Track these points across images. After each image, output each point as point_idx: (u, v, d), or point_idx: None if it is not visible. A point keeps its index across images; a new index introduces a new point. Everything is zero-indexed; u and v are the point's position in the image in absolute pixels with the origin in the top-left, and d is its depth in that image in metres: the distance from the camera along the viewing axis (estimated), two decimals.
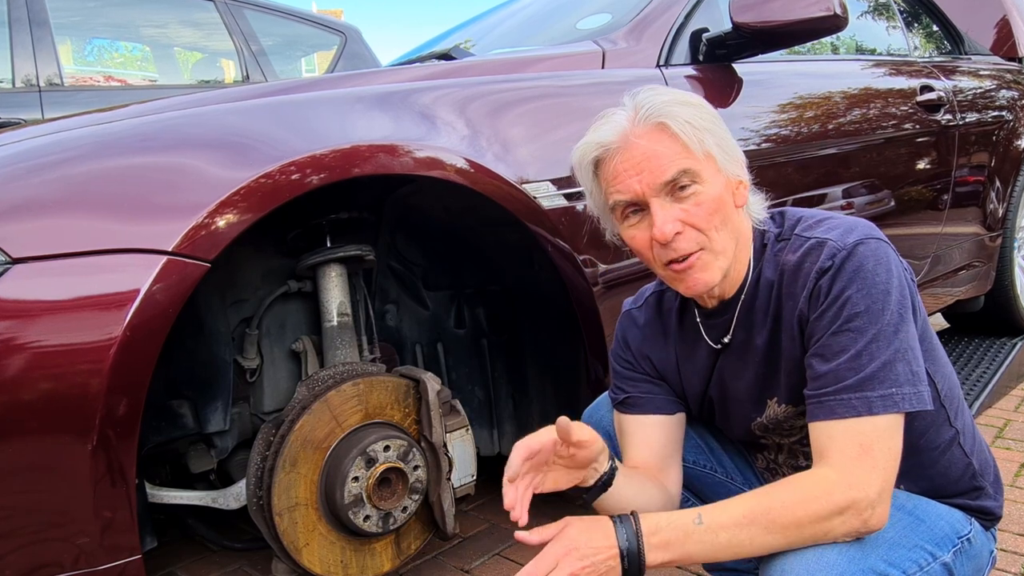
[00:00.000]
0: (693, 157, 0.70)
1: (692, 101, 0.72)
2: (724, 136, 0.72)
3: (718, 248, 0.72)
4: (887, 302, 0.66)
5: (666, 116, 0.70)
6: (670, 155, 0.69)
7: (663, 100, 0.71)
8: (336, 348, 1.14)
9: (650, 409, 0.85)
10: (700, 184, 0.70)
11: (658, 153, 0.69)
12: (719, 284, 0.75)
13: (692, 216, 0.70)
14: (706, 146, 0.70)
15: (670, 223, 0.70)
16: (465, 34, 1.90)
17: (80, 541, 0.78)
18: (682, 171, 0.69)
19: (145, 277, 0.79)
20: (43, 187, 0.81)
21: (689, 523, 0.65)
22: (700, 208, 0.70)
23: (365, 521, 1.03)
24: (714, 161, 0.71)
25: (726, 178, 0.72)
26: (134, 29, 2.73)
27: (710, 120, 0.71)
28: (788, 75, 1.59)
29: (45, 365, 0.75)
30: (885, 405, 0.65)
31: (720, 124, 0.73)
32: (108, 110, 1.02)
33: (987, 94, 2.16)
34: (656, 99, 0.71)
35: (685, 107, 0.71)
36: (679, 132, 0.69)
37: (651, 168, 0.70)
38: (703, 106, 0.72)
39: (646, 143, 0.70)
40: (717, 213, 0.71)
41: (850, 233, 0.70)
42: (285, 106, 0.98)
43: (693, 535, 0.65)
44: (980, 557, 0.77)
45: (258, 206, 0.87)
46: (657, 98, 0.71)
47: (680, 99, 0.72)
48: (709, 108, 0.73)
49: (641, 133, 0.70)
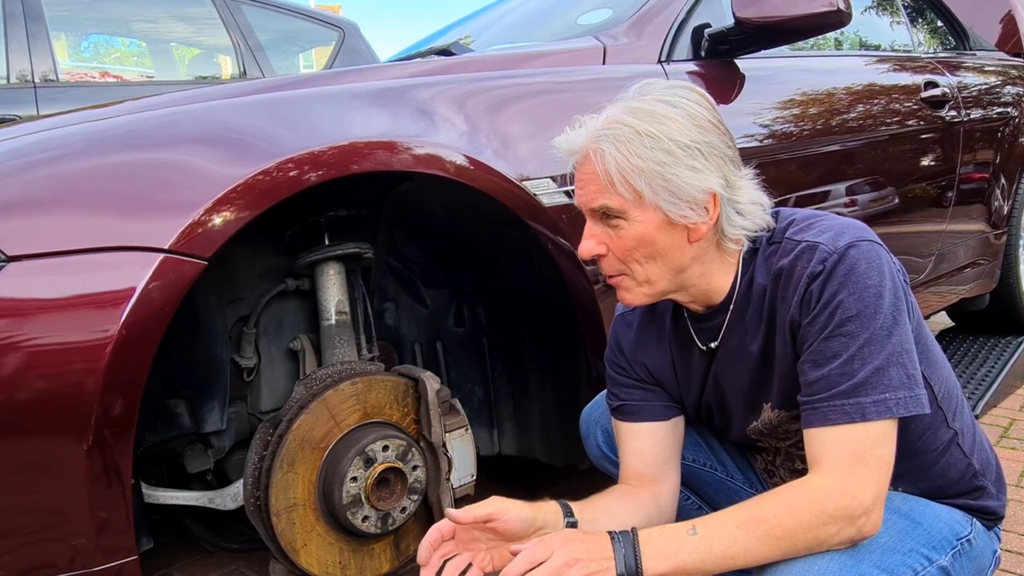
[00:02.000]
0: (617, 196, 0.69)
1: (650, 131, 0.67)
2: (670, 175, 0.68)
3: (640, 278, 0.73)
4: (879, 305, 0.66)
5: (598, 152, 0.69)
6: (597, 187, 0.70)
7: (605, 128, 0.69)
8: (334, 347, 1.13)
9: (644, 417, 0.84)
10: (624, 219, 0.70)
11: (590, 181, 0.71)
12: (681, 295, 0.76)
13: (613, 245, 0.72)
14: (633, 185, 0.68)
15: (590, 242, 0.73)
16: (465, 29, 1.89)
17: (76, 542, 0.78)
18: (603, 205, 0.71)
19: (141, 275, 0.78)
20: (38, 184, 0.80)
21: (683, 533, 0.65)
22: (621, 242, 0.71)
23: (364, 522, 1.02)
24: (643, 199, 0.69)
25: (662, 218, 0.69)
26: (130, 24, 2.72)
27: (653, 157, 0.67)
28: (791, 71, 1.58)
29: (40, 364, 0.74)
30: (879, 411, 0.64)
31: (672, 161, 0.67)
32: (103, 106, 1.01)
33: (992, 90, 2.14)
34: (604, 122, 0.70)
35: (629, 143, 0.67)
36: (601, 173, 0.69)
37: (584, 191, 0.72)
38: (652, 136, 0.67)
39: (584, 168, 0.72)
40: (638, 250, 0.71)
41: (841, 236, 0.69)
42: (283, 102, 0.97)
43: (687, 545, 0.64)
44: (982, 558, 0.77)
45: (255, 203, 0.86)
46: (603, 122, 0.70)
47: (637, 127, 0.68)
48: (666, 140, 0.67)
49: (585, 154, 0.71)
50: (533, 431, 1.32)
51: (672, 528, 0.67)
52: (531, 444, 1.33)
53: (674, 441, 0.85)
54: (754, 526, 0.64)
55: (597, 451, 0.98)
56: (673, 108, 0.69)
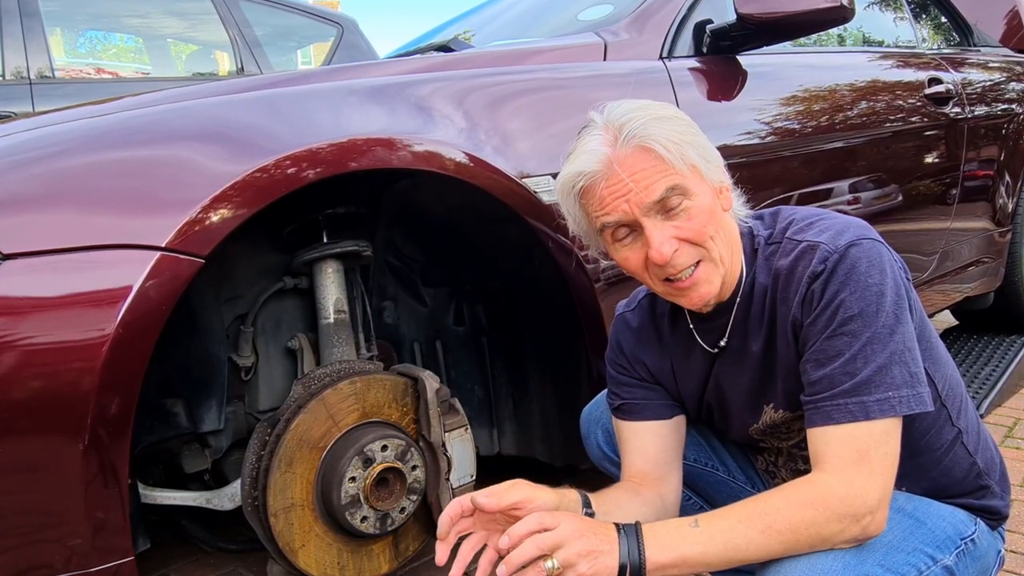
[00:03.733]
0: (679, 173, 0.69)
1: (666, 114, 0.71)
2: (703, 144, 0.72)
3: (716, 257, 0.71)
4: (881, 304, 0.65)
5: (646, 137, 0.69)
6: (656, 174, 0.69)
7: (641, 120, 0.70)
8: (333, 346, 1.13)
9: (646, 415, 0.84)
10: (689, 199, 0.69)
11: (645, 174, 0.69)
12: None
13: (686, 231, 0.70)
14: (689, 159, 0.69)
15: (667, 243, 0.69)
16: (464, 25, 1.88)
17: (72, 542, 0.77)
18: (670, 188, 0.69)
19: (138, 273, 0.77)
20: (34, 182, 0.79)
21: (685, 526, 0.65)
22: (693, 222, 0.70)
23: (362, 522, 1.02)
24: (699, 172, 0.70)
25: (711, 186, 0.72)
26: (127, 20, 2.71)
27: (688, 131, 0.71)
28: (793, 67, 1.57)
29: (36, 363, 0.74)
30: (882, 409, 0.64)
31: (698, 132, 0.72)
32: (100, 103, 1.01)
33: (997, 87, 2.13)
34: (633, 119, 0.70)
35: (661, 123, 0.70)
36: (662, 152, 0.68)
37: (639, 189, 0.69)
38: (679, 117, 0.72)
39: (630, 166, 0.69)
40: (710, 223, 0.70)
41: (842, 235, 0.69)
42: (281, 99, 0.96)
43: (689, 536, 0.64)
44: (986, 558, 0.76)
45: (253, 201, 0.85)
46: (634, 118, 0.70)
47: (654, 114, 0.70)
48: (684, 117, 0.72)
49: (624, 157, 0.69)
50: (533, 431, 1.32)
51: (675, 521, 0.67)
52: (531, 444, 1.33)
53: (676, 440, 0.85)
54: (756, 520, 0.63)
55: (597, 451, 0.97)
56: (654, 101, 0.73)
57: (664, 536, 0.65)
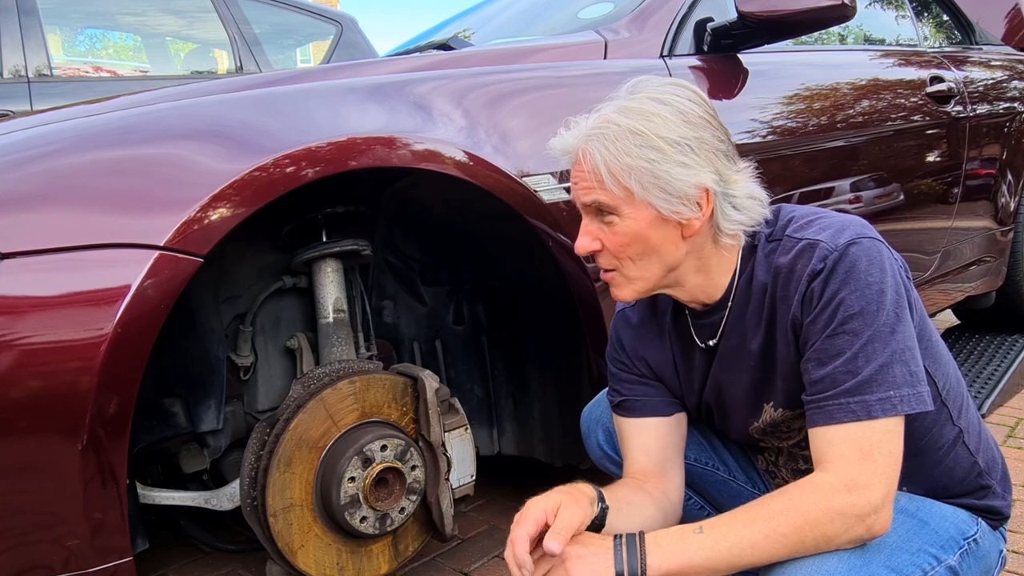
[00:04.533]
0: (608, 192, 0.70)
1: (642, 129, 0.67)
2: (663, 172, 0.67)
3: (631, 275, 0.73)
4: (882, 302, 0.65)
5: (587, 148, 0.70)
6: (589, 182, 0.71)
7: (595, 127, 0.70)
8: (332, 345, 1.12)
9: (646, 412, 0.84)
10: (618, 215, 0.71)
11: (585, 177, 0.71)
12: (678, 292, 0.76)
13: (607, 241, 0.72)
14: (625, 183, 0.69)
15: (586, 239, 0.73)
16: (464, 23, 1.87)
17: (70, 543, 0.77)
18: (595, 200, 0.71)
19: (136, 272, 0.77)
20: (32, 180, 0.79)
21: (689, 532, 0.65)
22: (614, 238, 0.72)
23: (362, 522, 1.01)
24: (632, 196, 0.69)
25: (656, 214, 0.69)
26: (125, 18, 2.70)
27: (643, 155, 0.67)
28: (795, 66, 1.56)
29: (34, 362, 0.73)
30: (884, 408, 0.64)
31: (663, 158, 0.67)
32: (98, 102, 1.00)
33: (999, 85, 2.12)
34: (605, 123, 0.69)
35: (613, 142, 0.68)
36: (587, 168, 0.70)
37: (577, 187, 0.73)
38: (642, 134, 0.67)
39: (577, 165, 0.72)
40: (631, 246, 0.71)
41: (841, 233, 0.68)
42: (280, 97, 0.96)
43: (693, 543, 0.64)
44: (988, 558, 0.76)
45: (252, 200, 0.85)
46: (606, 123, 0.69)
47: (630, 127, 0.68)
48: (650, 136, 0.67)
49: (577, 154, 0.72)
50: (533, 430, 1.31)
51: (679, 528, 0.67)
52: (531, 444, 1.32)
53: (677, 437, 0.85)
54: (761, 523, 0.63)
55: (598, 450, 0.97)
56: (663, 105, 0.69)
57: (668, 543, 0.64)
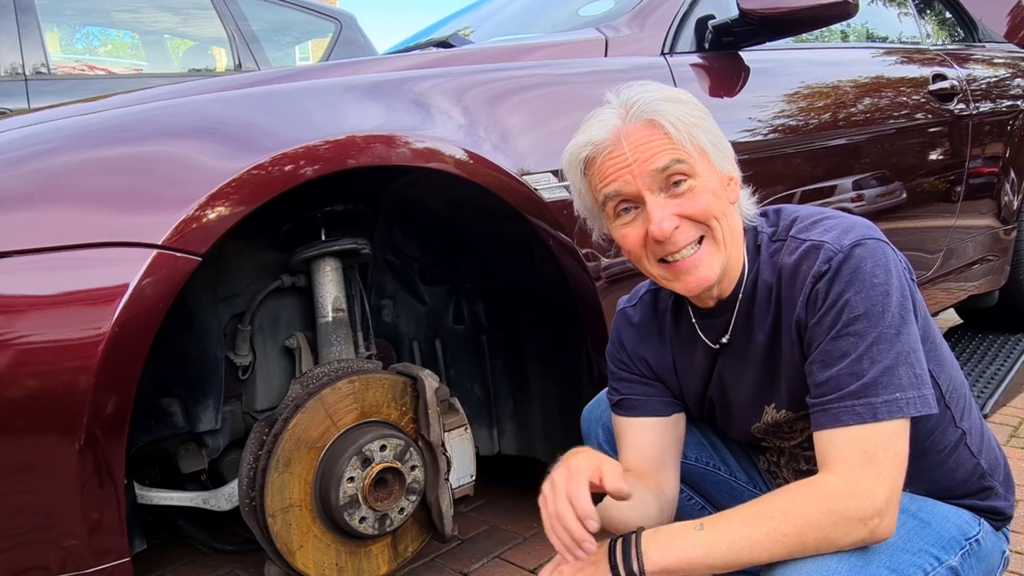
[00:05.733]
0: (685, 151, 0.69)
1: (681, 97, 0.72)
2: (715, 132, 0.72)
3: (719, 238, 0.71)
4: (887, 304, 0.65)
5: (656, 113, 0.69)
6: (662, 146, 0.69)
7: (652, 97, 0.70)
8: (331, 344, 1.12)
9: (645, 412, 0.84)
10: (694, 178, 0.69)
11: (650, 145, 0.69)
12: (717, 284, 0.73)
13: (688, 209, 0.69)
14: (698, 141, 0.69)
15: (668, 219, 0.69)
16: (464, 21, 1.87)
17: (67, 543, 0.77)
18: (675, 160, 0.69)
19: (134, 271, 0.77)
20: (28, 179, 0.78)
21: (689, 529, 0.65)
22: (696, 201, 0.69)
23: (361, 523, 1.01)
24: (707, 156, 0.70)
25: (719, 173, 0.72)
26: (123, 16, 2.70)
27: (700, 116, 0.71)
28: (797, 63, 1.56)
29: (31, 362, 0.73)
30: (890, 411, 0.64)
31: (710, 120, 0.72)
32: (96, 100, 1.00)
33: (1002, 83, 2.11)
34: (645, 96, 0.70)
35: (674, 104, 0.70)
36: (670, 129, 0.69)
37: (643, 159, 0.69)
38: (692, 102, 0.72)
39: (637, 139, 0.69)
40: (714, 205, 0.70)
41: (847, 234, 0.68)
42: (278, 95, 0.95)
43: (692, 539, 0.64)
44: (990, 559, 0.76)
45: (250, 198, 0.84)
46: (646, 95, 0.70)
47: (668, 96, 0.71)
48: (698, 104, 0.73)
49: (632, 130, 0.70)
50: (534, 430, 1.31)
51: (679, 524, 0.67)
52: (531, 444, 1.32)
53: (674, 437, 0.84)
54: (761, 522, 0.63)
55: (598, 450, 0.96)
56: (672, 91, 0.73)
57: (667, 539, 0.64)
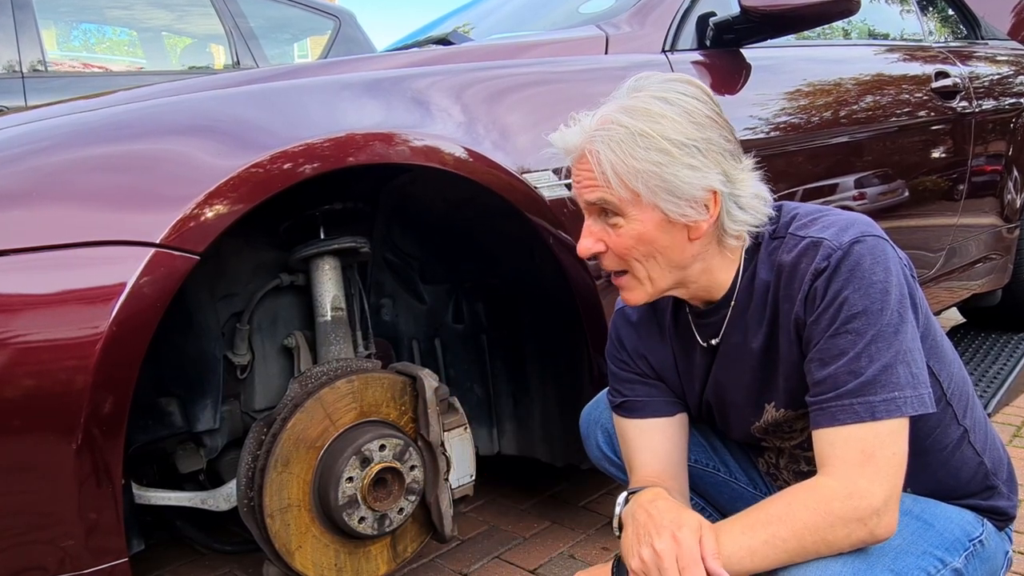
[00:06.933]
0: (613, 193, 0.68)
1: (643, 130, 0.66)
2: (670, 175, 0.66)
3: (640, 276, 0.72)
4: (886, 302, 0.64)
5: (592, 148, 0.68)
6: (594, 180, 0.69)
7: (613, 130, 0.67)
8: (330, 344, 1.11)
9: (649, 413, 0.83)
10: (622, 217, 0.69)
11: (590, 175, 0.70)
12: (683, 292, 0.75)
13: (612, 243, 0.71)
14: (632, 185, 0.67)
15: (588, 240, 0.72)
16: (464, 18, 1.87)
17: (64, 544, 0.76)
18: (600, 199, 0.69)
19: (132, 270, 0.76)
20: (25, 177, 0.78)
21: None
22: (620, 240, 0.70)
23: (360, 523, 1.00)
24: (640, 199, 0.68)
25: (662, 217, 0.68)
26: (121, 13, 2.69)
27: (650, 157, 0.66)
28: (798, 61, 1.55)
29: (28, 361, 0.73)
30: (888, 410, 0.63)
31: (670, 161, 0.66)
32: (93, 97, 0.99)
33: (1005, 80, 2.10)
34: (611, 123, 0.67)
35: (630, 142, 0.66)
36: (596, 169, 0.68)
37: (582, 184, 0.71)
38: (650, 137, 0.66)
39: (582, 163, 0.71)
40: (637, 248, 0.70)
41: (846, 231, 0.67)
42: (277, 93, 0.95)
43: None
44: (994, 559, 0.76)
45: (249, 196, 0.84)
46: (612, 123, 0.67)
47: (637, 128, 0.66)
48: (661, 140, 0.66)
49: (581, 153, 0.70)
50: (534, 430, 1.30)
51: None
52: (532, 443, 1.31)
53: (682, 437, 0.84)
54: (759, 529, 0.62)
55: (597, 451, 0.96)
56: (669, 105, 0.67)
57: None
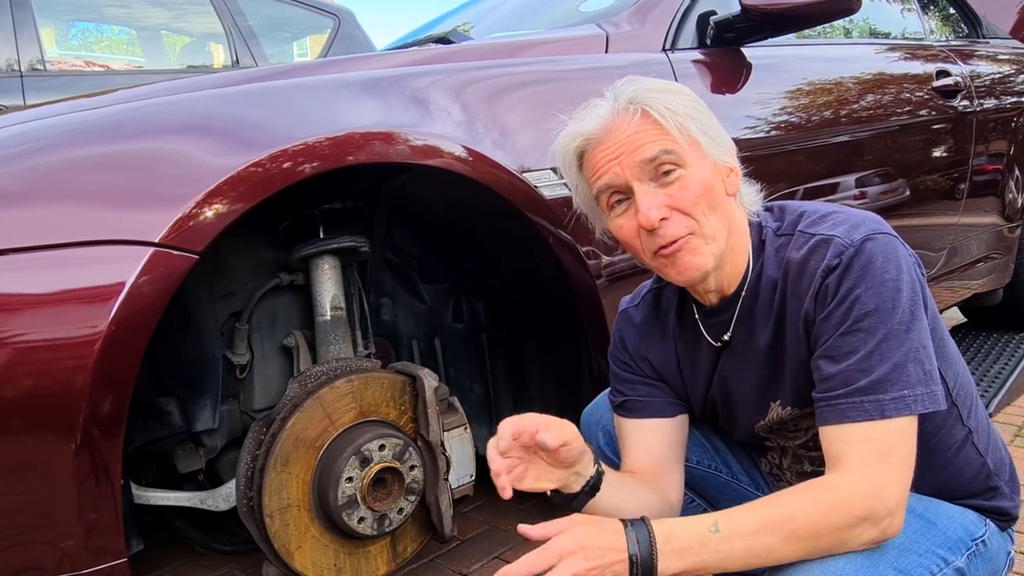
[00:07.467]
0: (675, 141, 0.69)
1: (672, 88, 0.72)
2: (709, 123, 0.72)
3: (708, 233, 0.70)
4: (898, 300, 0.64)
5: (644, 103, 0.69)
6: (651, 136, 0.68)
7: (642, 87, 0.70)
8: (329, 343, 1.11)
9: (648, 413, 0.83)
10: (684, 168, 0.69)
11: (639, 136, 0.69)
12: (715, 276, 0.73)
13: (678, 200, 0.69)
14: (688, 131, 0.69)
15: (655, 208, 0.68)
16: (463, 16, 1.87)
17: (64, 544, 0.76)
18: (663, 150, 0.68)
19: (131, 269, 0.76)
20: (24, 176, 0.78)
21: (705, 531, 0.62)
22: (686, 192, 0.68)
23: (360, 523, 1.00)
24: (699, 146, 0.70)
25: (713, 164, 0.71)
26: (119, 12, 2.69)
27: (692, 107, 0.71)
28: (799, 59, 1.55)
29: (27, 361, 0.73)
30: (898, 408, 0.63)
31: (705, 111, 0.72)
32: (92, 96, 0.99)
33: (1006, 79, 2.10)
34: (635, 86, 0.70)
35: (665, 94, 0.70)
36: (659, 117, 0.68)
37: (631, 150, 0.69)
38: (684, 92, 0.72)
39: (626, 129, 0.69)
40: (704, 197, 0.69)
41: (857, 229, 0.67)
42: (276, 92, 0.95)
43: (709, 544, 0.62)
44: (996, 560, 0.76)
45: (248, 196, 0.84)
46: (636, 85, 0.70)
47: (660, 87, 0.71)
48: (691, 95, 0.73)
49: (620, 121, 0.69)
50: None
51: (692, 522, 0.63)
52: None
53: (679, 438, 0.84)
54: (780, 526, 0.62)
55: (598, 452, 0.96)
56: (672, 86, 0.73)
57: (682, 541, 0.61)
